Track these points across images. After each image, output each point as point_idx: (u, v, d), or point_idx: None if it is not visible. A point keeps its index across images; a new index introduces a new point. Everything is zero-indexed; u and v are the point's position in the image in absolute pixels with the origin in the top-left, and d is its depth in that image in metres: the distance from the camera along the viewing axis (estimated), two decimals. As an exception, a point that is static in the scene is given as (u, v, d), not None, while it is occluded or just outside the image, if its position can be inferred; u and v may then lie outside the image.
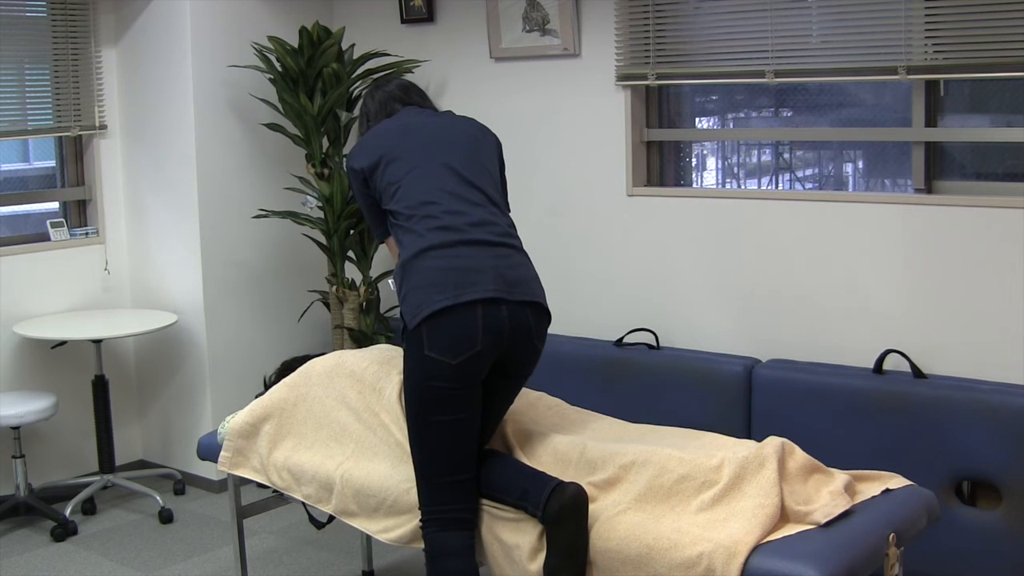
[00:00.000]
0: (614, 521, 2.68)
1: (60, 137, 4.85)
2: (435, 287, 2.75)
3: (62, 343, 4.63)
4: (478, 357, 2.75)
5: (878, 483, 2.87)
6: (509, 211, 3.04)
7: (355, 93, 4.72)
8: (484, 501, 2.84)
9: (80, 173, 4.93)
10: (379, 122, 3.12)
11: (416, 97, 3.20)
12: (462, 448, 2.79)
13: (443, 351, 2.72)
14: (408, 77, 4.67)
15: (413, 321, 2.75)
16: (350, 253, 4.74)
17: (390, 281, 2.98)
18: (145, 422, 5.07)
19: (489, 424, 2.93)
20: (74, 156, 4.91)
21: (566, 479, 2.79)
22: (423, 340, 2.74)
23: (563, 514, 2.66)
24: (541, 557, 2.70)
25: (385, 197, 2.93)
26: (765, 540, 2.56)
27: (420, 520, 2.83)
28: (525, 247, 2.96)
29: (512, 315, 2.79)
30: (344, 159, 4.66)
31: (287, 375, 3.44)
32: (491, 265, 2.80)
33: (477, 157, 3.00)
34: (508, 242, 2.88)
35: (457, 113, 3.21)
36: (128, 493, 4.76)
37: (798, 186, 4.29)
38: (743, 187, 4.47)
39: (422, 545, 2.87)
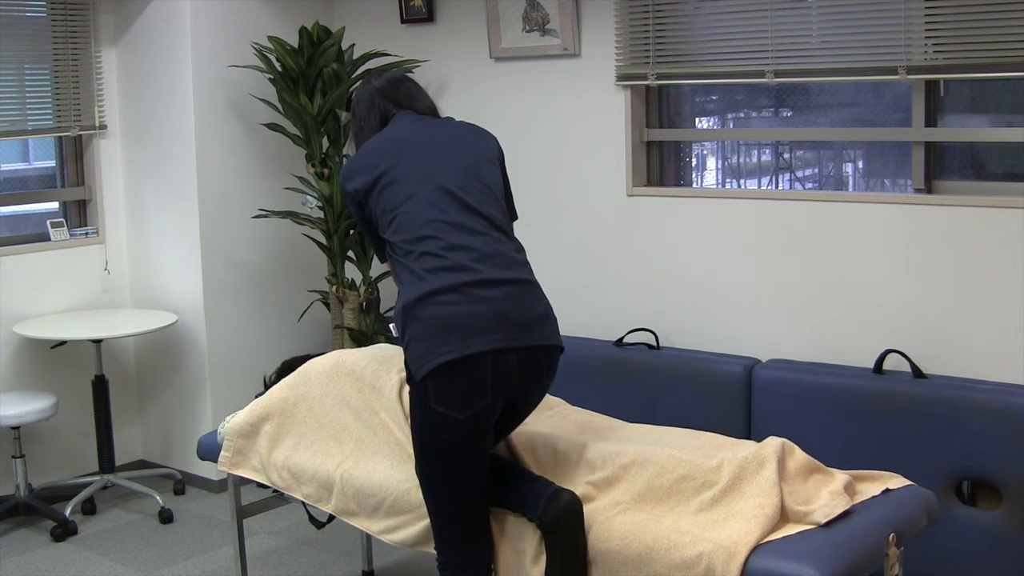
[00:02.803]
0: (613, 521, 2.68)
1: (60, 137, 4.85)
2: (439, 337, 2.60)
3: (62, 343, 4.63)
4: (487, 410, 2.66)
5: (878, 483, 2.87)
6: (516, 218, 2.93)
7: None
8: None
9: (80, 173, 4.93)
10: (371, 124, 2.97)
11: (405, 97, 2.99)
12: (473, 493, 2.73)
13: (450, 406, 2.61)
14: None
15: (418, 373, 2.62)
16: (350, 253, 4.74)
17: (391, 325, 2.88)
18: (145, 422, 5.07)
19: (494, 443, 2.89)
20: (74, 156, 4.91)
21: (566, 479, 2.80)
22: (429, 393, 2.62)
23: (559, 521, 2.65)
24: (543, 561, 2.70)
25: (382, 224, 2.79)
26: (765, 540, 2.56)
27: (436, 561, 2.79)
28: (525, 247, 2.87)
29: (522, 362, 2.67)
30: (343, 159, 4.67)
31: (287, 375, 3.44)
32: (498, 310, 2.64)
33: (478, 175, 2.82)
34: (515, 277, 2.72)
35: (457, 114, 3.13)
36: (128, 493, 4.76)
37: (798, 186, 4.29)
38: (743, 187, 4.47)
39: (424, 548, 2.87)
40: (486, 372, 2.61)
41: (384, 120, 2.97)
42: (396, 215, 2.75)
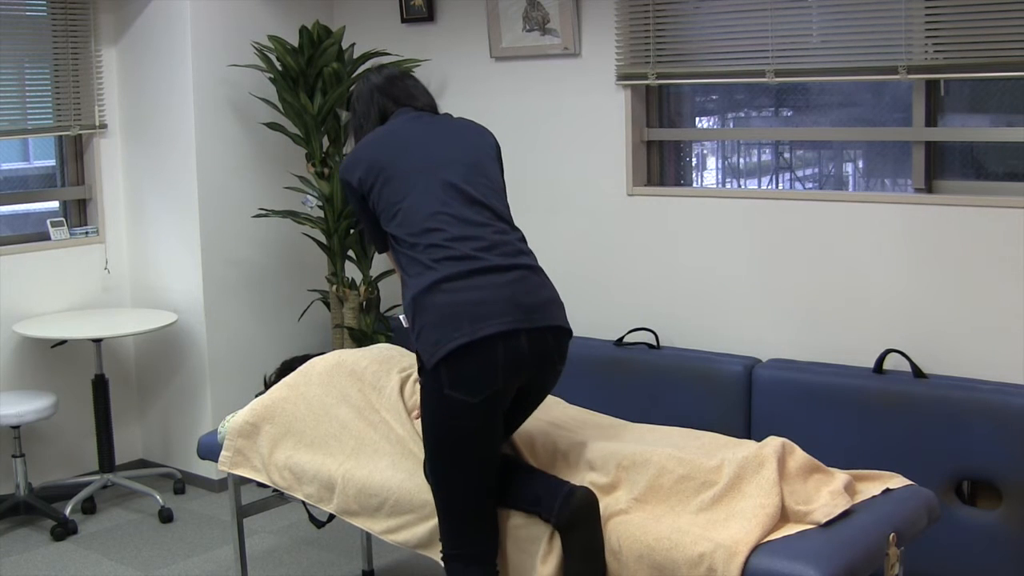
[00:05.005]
0: (614, 521, 2.68)
1: (60, 136, 4.85)
2: (450, 323, 2.62)
3: (62, 342, 4.63)
4: (500, 394, 2.67)
5: (878, 483, 2.87)
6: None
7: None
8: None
9: (80, 172, 4.93)
10: (370, 120, 2.99)
11: (403, 94, 2.99)
12: (483, 483, 2.73)
13: (464, 390, 2.62)
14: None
15: (431, 360, 2.63)
16: (350, 252, 4.74)
17: (401, 316, 2.84)
18: (145, 422, 5.07)
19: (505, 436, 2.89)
20: (74, 155, 4.91)
21: (567, 479, 2.79)
22: (442, 379, 2.63)
23: (576, 520, 2.66)
24: (551, 560, 2.70)
25: (384, 218, 2.80)
26: (765, 540, 2.56)
27: (442, 553, 2.80)
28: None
29: (532, 344, 2.67)
30: (343, 158, 4.66)
31: (287, 375, 3.44)
32: (507, 295, 2.66)
33: (479, 168, 2.85)
34: (521, 263, 2.74)
35: (458, 113, 3.14)
36: (128, 492, 4.76)
37: (798, 186, 4.29)
38: (743, 187, 4.47)
39: (427, 552, 2.88)
40: (498, 355, 2.62)
41: (383, 116, 2.98)
42: (399, 209, 2.76)
